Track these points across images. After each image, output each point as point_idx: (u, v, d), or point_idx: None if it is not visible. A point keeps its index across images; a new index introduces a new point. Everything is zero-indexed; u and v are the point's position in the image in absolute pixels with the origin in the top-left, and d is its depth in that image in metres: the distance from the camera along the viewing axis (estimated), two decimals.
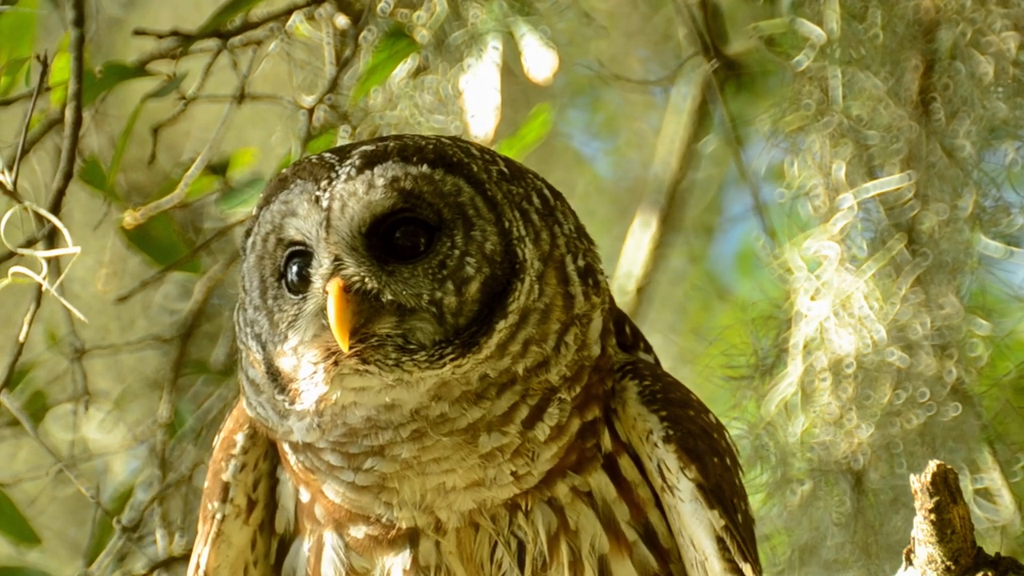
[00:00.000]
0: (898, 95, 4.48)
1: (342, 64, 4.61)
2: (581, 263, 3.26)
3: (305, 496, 3.30)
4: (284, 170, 3.29)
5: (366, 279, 3.17)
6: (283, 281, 3.26)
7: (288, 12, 4.63)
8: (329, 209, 3.19)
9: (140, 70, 4.53)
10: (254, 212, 3.30)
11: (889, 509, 4.41)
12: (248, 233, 3.31)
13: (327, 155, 3.26)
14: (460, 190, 3.21)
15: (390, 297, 3.17)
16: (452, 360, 3.14)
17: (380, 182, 3.19)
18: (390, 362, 3.14)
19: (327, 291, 3.15)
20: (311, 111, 4.61)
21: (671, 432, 3.23)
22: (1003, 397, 4.52)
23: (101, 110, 4.90)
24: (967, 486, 4.42)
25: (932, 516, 3.01)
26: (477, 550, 3.25)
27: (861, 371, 4.41)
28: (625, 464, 3.27)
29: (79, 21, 4.24)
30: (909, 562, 3.04)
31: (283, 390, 3.22)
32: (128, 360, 5.68)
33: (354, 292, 3.16)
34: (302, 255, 3.22)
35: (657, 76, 5.90)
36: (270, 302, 3.26)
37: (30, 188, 4.11)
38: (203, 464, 5.01)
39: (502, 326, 3.16)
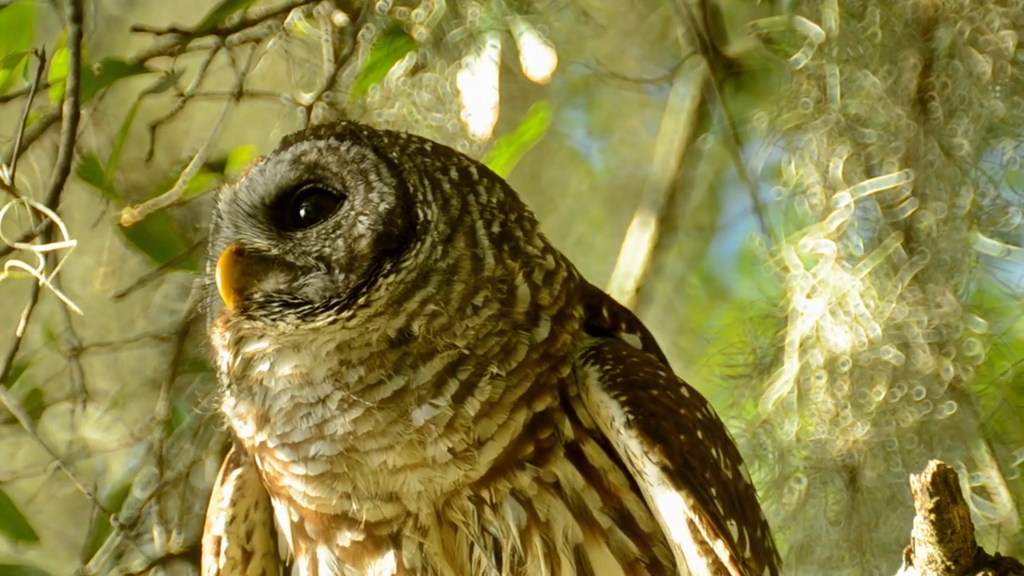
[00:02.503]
0: (896, 94, 4.48)
1: (340, 62, 4.61)
2: (496, 229, 3.28)
3: (295, 516, 3.32)
4: None
5: (256, 240, 3.25)
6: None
7: (286, 9, 4.63)
8: (238, 188, 3.30)
9: (138, 67, 4.53)
10: None
11: (885, 507, 4.41)
12: None
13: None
14: (364, 157, 3.28)
15: (276, 253, 3.24)
16: (338, 311, 3.18)
17: (287, 157, 3.28)
18: (273, 316, 3.20)
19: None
20: (309, 109, 4.61)
21: (631, 417, 3.22)
22: (1000, 396, 4.52)
23: (99, 108, 4.89)
24: (964, 484, 4.42)
25: (932, 516, 3.00)
26: (458, 551, 3.26)
27: (857, 369, 4.40)
28: (591, 451, 3.26)
29: (77, 17, 4.23)
30: (909, 562, 3.03)
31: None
32: (126, 358, 5.68)
33: (243, 254, 3.24)
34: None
35: (652, 75, 5.91)
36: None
37: (28, 184, 4.11)
38: (201, 462, 5.02)
39: (392, 280, 3.19)
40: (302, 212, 3.27)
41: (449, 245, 3.24)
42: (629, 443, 3.23)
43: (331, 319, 3.18)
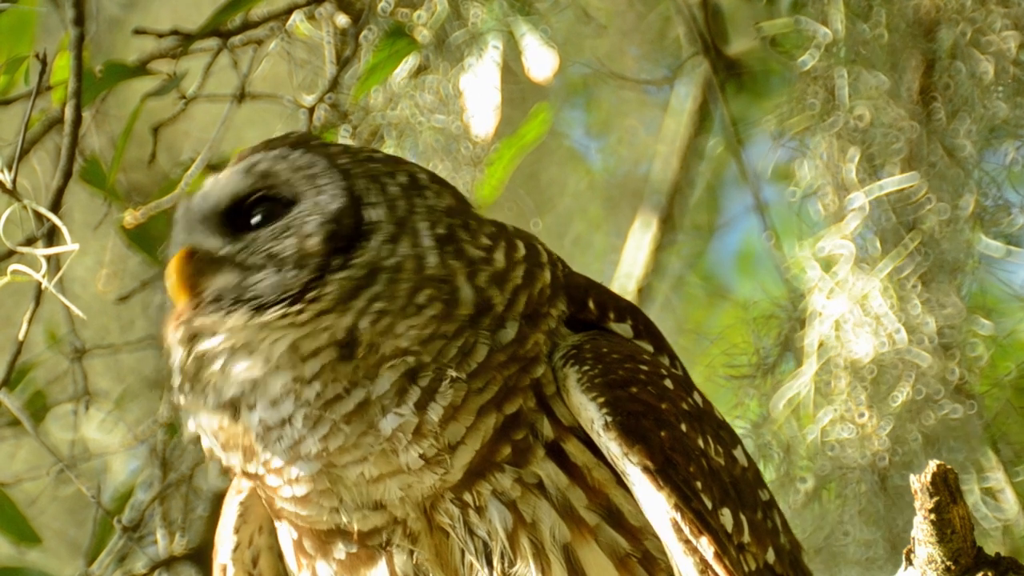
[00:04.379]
0: (899, 94, 4.49)
1: (342, 63, 4.61)
2: (440, 231, 3.29)
3: (295, 533, 3.34)
4: None
5: (204, 242, 3.30)
6: None
7: (288, 11, 4.63)
8: (191, 199, 3.36)
9: (140, 69, 4.53)
10: None
11: (895, 507, 4.42)
12: None
13: None
14: (314, 163, 3.32)
15: (226, 252, 3.28)
16: (288, 305, 3.20)
17: (240, 167, 3.34)
18: (224, 311, 3.23)
19: None
20: (311, 110, 4.61)
21: (609, 419, 3.21)
22: (1005, 397, 4.52)
23: (101, 110, 4.90)
24: (973, 486, 4.43)
25: (932, 516, 3.00)
26: (450, 556, 3.27)
27: (876, 370, 4.41)
28: (572, 449, 3.26)
29: (79, 20, 4.23)
30: (909, 562, 3.04)
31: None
32: (128, 360, 5.68)
33: (193, 256, 3.29)
34: None
35: (652, 74, 5.91)
36: None
37: (30, 187, 4.11)
38: (203, 464, 5.02)
39: (340, 276, 3.22)
40: (255, 219, 3.31)
41: (395, 244, 3.26)
42: (610, 445, 3.23)
43: (280, 313, 3.20)
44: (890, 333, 4.40)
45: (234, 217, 3.31)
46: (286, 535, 3.35)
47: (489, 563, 3.25)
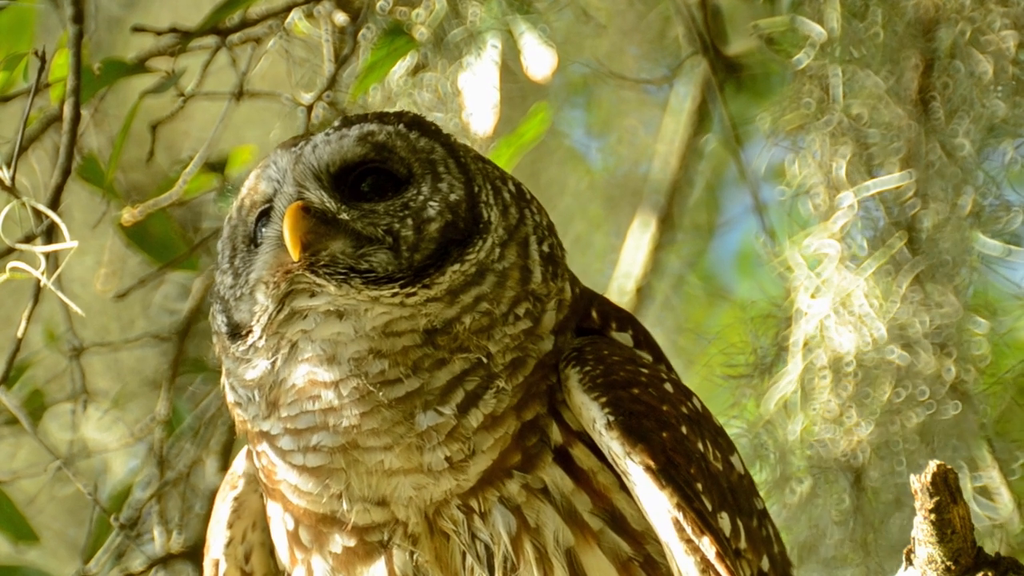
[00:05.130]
0: (897, 94, 4.48)
1: (341, 61, 4.61)
2: (545, 248, 3.34)
3: (291, 523, 3.32)
4: None
5: (325, 201, 3.26)
6: (251, 244, 3.33)
7: (287, 9, 4.62)
8: (301, 151, 3.31)
9: (139, 67, 4.53)
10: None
11: (887, 508, 4.41)
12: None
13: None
14: (433, 149, 3.33)
15: (345, 218, 3.26)
16: (402, 285, 3.20)
17: (354, 132, 3.32)
18: (339, 277, 3.21)
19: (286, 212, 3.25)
20: (310, 108, 4.61)
21: (611, 418, 3.24)
22: (1002, 395, 4.52)
23: (100, 108, 4.89)
24: (966, 484, 4.43)
25: (932, 516, 3.01)
26: (451, 559, 3.27)
27: (861, 369, 4.41)
28: (579, 453, 3.28)
29: (78, 18, 4.23)
30: (909, 562, 3.04)
31: (242, 338, 3.29)
32: (127, 358, 5.68)
33: (311, 213, 3.25)
34: (271, 212, 3.31)
35: (652, 74, 5.91)
36: (237, 262, 3.35)
37: (29, 185, 4.11)
38: (201, 462, 5.01)
39: (456, 269, 3.23)
40: (363, 188, 3.31)
41: (504, 250, 3.29)
42: (611, 444, 3.24)
43: (394, 292, 3.20)
44: (872, 332, 4.40)
45: (341, 182, 3.30)
46: (280, 527, 3.33)
47: (491, 568, 3.25)
